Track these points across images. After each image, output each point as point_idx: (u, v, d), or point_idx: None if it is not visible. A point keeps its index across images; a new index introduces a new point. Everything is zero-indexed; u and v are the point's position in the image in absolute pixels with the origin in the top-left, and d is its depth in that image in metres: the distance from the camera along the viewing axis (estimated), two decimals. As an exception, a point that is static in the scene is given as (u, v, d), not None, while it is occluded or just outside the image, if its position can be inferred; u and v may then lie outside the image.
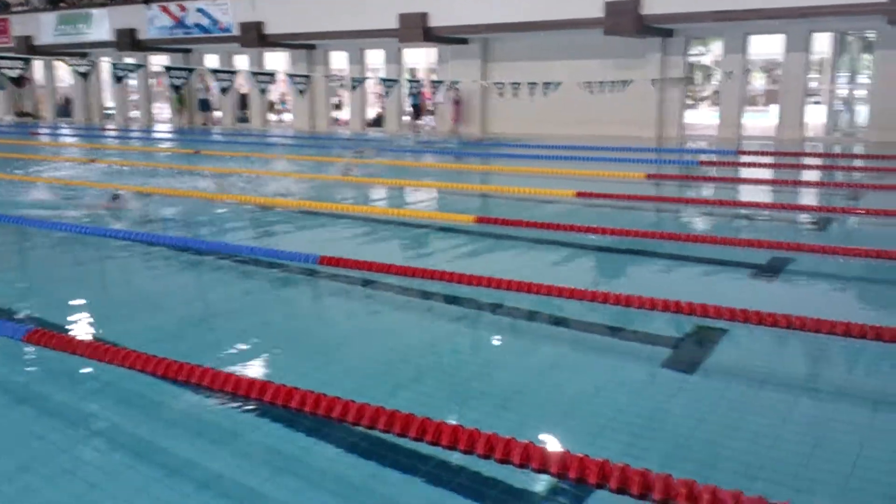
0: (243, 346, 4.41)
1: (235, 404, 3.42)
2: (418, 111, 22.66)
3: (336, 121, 28.11)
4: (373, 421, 2.73)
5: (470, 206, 9.65)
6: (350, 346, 4.49)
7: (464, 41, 22.62)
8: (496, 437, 2.57)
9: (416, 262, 6.32)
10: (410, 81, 18.29)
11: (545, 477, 2.70)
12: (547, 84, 18.37)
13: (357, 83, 16.69)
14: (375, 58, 26.02)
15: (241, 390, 3.12)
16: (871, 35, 18.70)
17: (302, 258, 6.02)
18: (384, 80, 16.22)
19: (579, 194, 9.39)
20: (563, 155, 14.74)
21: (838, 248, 5.82)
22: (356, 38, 23.99)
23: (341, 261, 5.76)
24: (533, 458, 2.47)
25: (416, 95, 22.02)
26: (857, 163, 15.29)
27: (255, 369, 4.05)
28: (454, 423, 2.72)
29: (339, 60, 26.84)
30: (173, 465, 2.97)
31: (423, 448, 2.81)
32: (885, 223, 7.71)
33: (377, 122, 26.69)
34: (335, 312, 5.36)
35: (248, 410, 3.38)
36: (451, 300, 5.32)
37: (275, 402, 3.01)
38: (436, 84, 18.62)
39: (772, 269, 6.02)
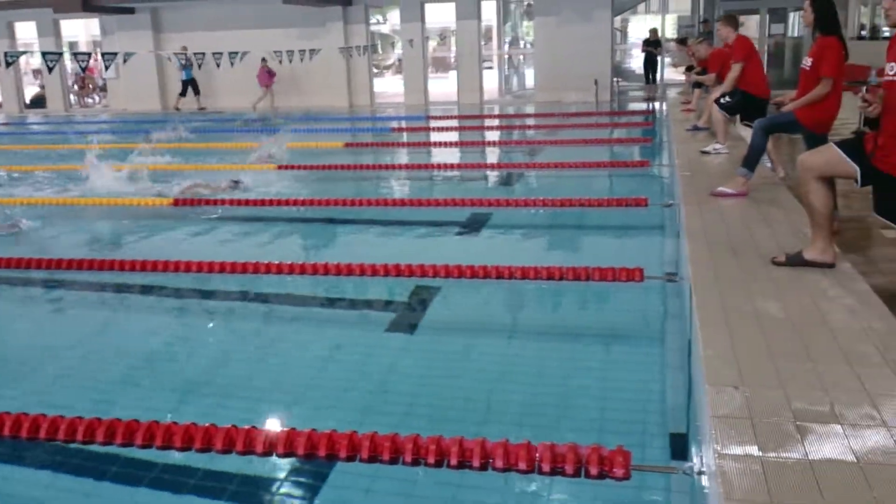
0: None
1: None
2: (195, 86, 20.17)
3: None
4: (89, 434, 2.42)
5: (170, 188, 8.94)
6: (46, 357, 3.96)
7: (130, 11, 20.92)
8: (231, 429, 2.42)
9: (111, 254, 5.75)
10: (76, 55, 16.33)
11: (281, 461, 2.61)
12: (233, 54, 17.65)
13: (14, 58, 14.61)
14: (27, 31, 23.05)
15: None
16: (530, 1, 20.51)
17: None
18: (45, 54, 14.35)
19: (280, 167, 9.20)
20: (261, 128, 14.36)
21: (529, 200, 6.34)
22: (1, 10, 21.08)
23: (21, 261, 5.02)
24: (256, 443, 2.40)
25: (188, 69, 19.63)
26: (531, 121, 16.84)
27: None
28: (183, 422, 2.51)
29: (-22, 35, 23.28)
30: None
31: (149, 454, 2.56)
32: (561, 174, 8.56)
33: (38, 102, 23.74)
34: (22, 322, 4.68)
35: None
36: (154, 290, 4.91)
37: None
38: (107, 57, 16.86)
39: (474, 226, 6.41)
